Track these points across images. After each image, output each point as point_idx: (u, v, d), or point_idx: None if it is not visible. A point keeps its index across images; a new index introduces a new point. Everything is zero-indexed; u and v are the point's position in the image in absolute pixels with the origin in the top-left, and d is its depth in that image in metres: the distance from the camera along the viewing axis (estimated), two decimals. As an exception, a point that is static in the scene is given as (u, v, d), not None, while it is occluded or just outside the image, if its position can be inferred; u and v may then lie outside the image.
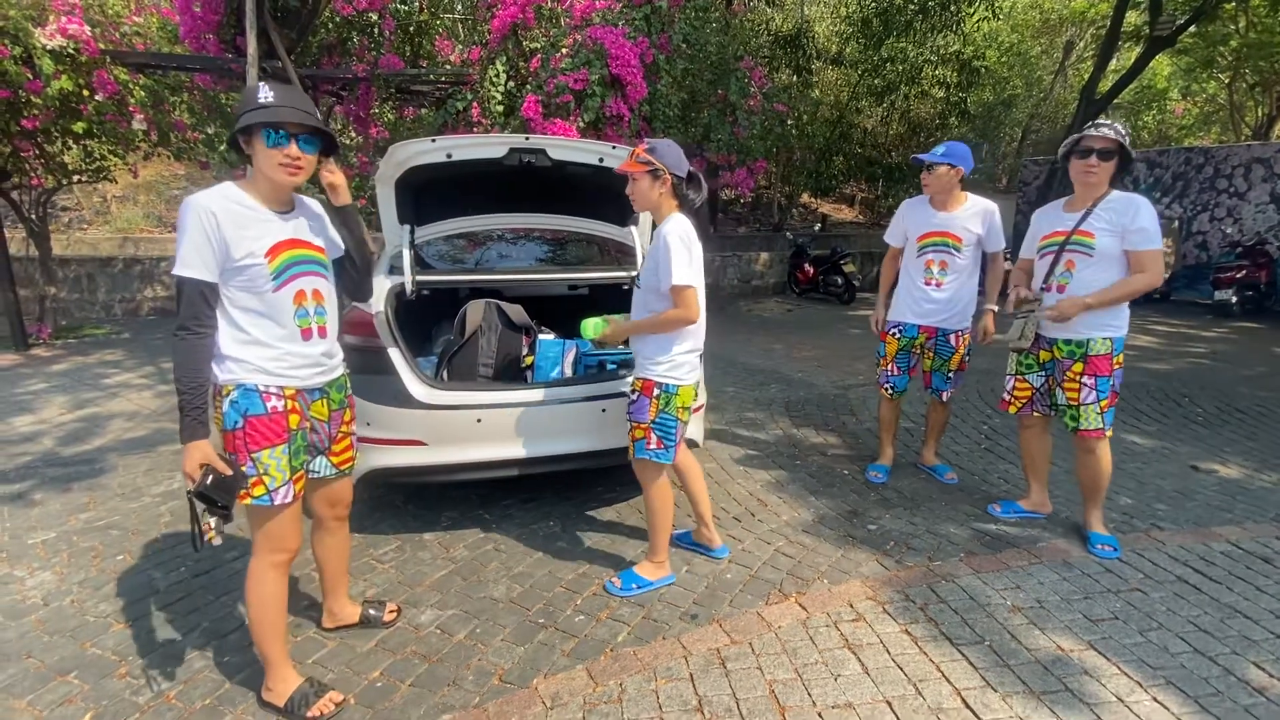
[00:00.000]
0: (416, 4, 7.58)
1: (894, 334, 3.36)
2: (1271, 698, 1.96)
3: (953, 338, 3.26)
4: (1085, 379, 2.66)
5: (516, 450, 2.78)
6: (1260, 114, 17.69)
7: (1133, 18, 13.43)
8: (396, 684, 2.03)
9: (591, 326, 2.44)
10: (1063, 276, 2.71)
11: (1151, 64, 16.16)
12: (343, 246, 2.01)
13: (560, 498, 3.29)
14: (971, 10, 12.54)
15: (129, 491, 3.37)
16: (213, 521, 1.67)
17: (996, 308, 3.25)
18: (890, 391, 3.42)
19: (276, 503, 1.77)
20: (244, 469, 1.72)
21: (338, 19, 7.05)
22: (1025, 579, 2.56)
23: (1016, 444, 4.05)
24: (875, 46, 12.66)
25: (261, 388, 1.74)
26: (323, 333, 1.87)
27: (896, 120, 14.82)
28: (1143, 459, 3.82)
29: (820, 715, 1.88)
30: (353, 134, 8.59)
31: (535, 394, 2.82)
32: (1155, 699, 1.94)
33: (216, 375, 1.72)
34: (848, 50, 13.48)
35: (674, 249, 2.18)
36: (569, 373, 3.14)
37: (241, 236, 1.68)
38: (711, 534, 2.73)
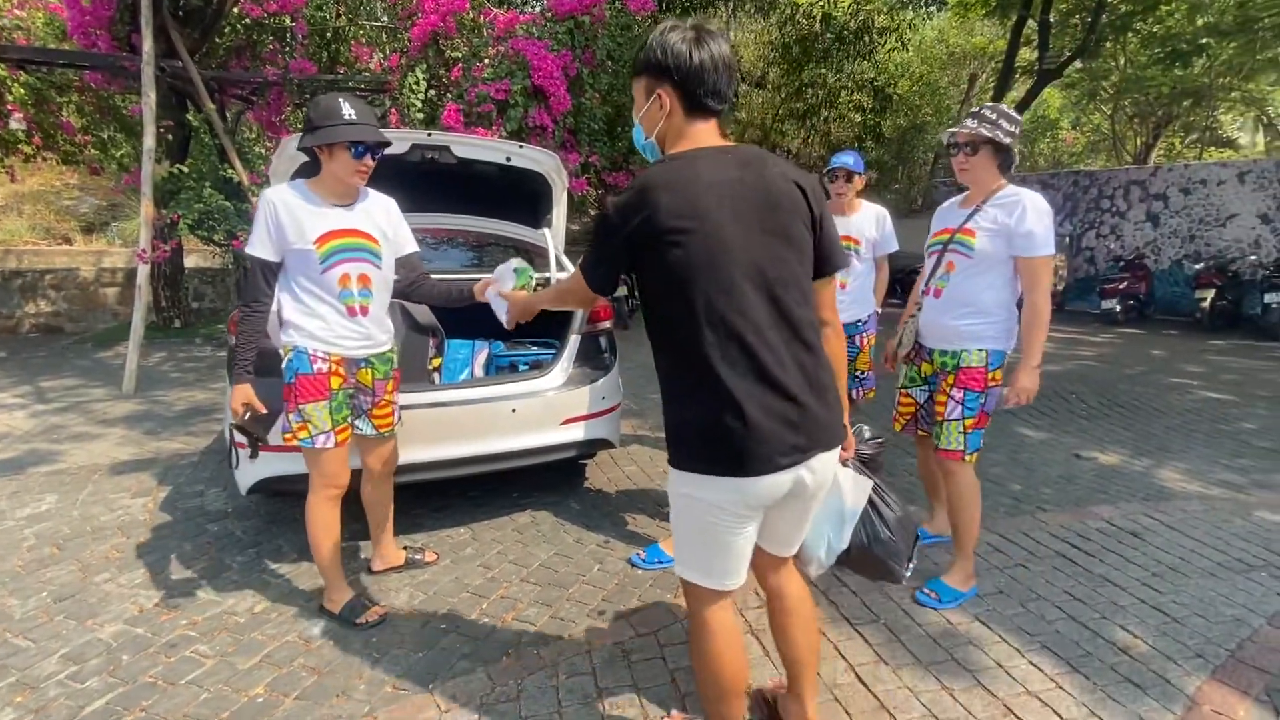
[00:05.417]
0: (333, 10, 7.40)
1: None
2: (1134, 655, 2.11)
3: (858, 339, 3.39)
4: (954, 391, 2.34)
5: (422, 453, 2.69)
6: (1139, 143, 19.55)
7: (1025, 53, 14.65)
8: (280, 699, 1.91)
9: None
10: (940, 279, 2.42)
11: (1045, 96, 17.63)
12: (414, 249, 2.32)
13: (472, 504, 3.20)
14: (883, 41, 13.37)
15: (-11, 515, 3.06)
16: (246, 444, 2.16)
17: (880, 309, 3.38)
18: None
19: (318, 446, 2.10)
20: (291, 416, 2.08)
21: (246, 20, 6.77)
22: (921, 561, 2.67)
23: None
24: (796, 72, 13.28)
25: (311, 351, 2.07)
26: (365, 311, 2.15)
27: (818, 141, 15.51)
28: (1032, 449, 4.08)
29: (720, 699, 1.89)
30: (267, 143, 8.25)
31: (442, 395, 2.75)
32: (1031, 662, 2.06)
33: (280, 338, 2.10)
34: (771, 74, 14.06)
35: None
36: (479, 374, 3.08)
37: (298, 225, 2.01)
38: None
